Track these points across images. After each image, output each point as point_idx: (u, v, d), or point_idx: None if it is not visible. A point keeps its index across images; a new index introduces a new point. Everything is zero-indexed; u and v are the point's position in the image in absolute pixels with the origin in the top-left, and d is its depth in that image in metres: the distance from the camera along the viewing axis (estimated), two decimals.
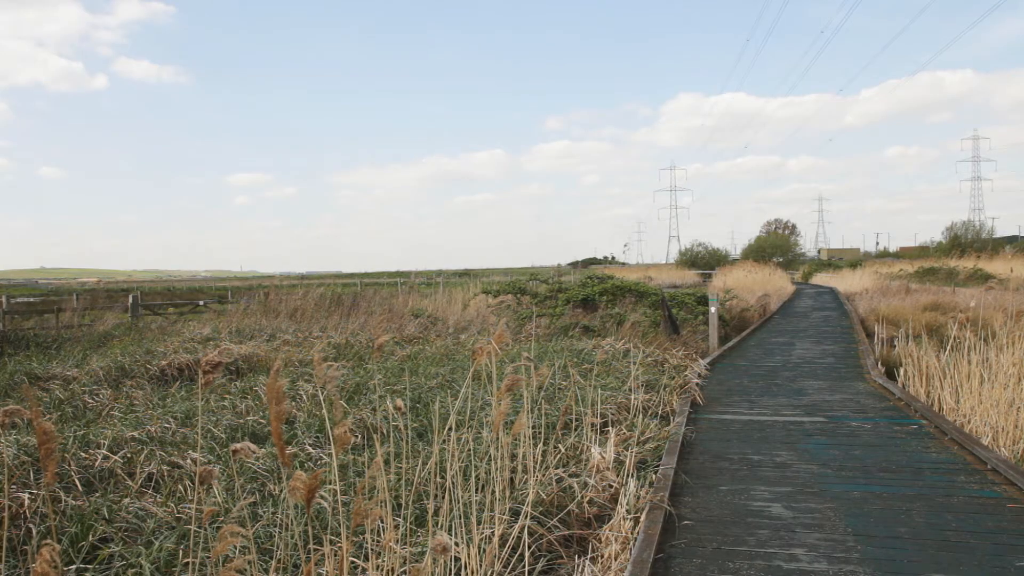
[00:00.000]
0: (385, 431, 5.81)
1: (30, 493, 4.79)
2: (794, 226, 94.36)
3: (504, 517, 4.13)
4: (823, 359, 12.95)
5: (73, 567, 3.91)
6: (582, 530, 4.65)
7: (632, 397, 7.63)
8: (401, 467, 4.69)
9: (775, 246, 78.97)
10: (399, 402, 4.04)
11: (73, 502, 4.85)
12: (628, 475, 5.33)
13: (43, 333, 17.97)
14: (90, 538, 4.29)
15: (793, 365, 12.21)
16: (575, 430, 6.36)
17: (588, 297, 17.89)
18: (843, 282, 39.74)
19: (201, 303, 26.26)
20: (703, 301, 17.90)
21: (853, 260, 68.00)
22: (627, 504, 4.74)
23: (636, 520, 4.65)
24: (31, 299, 34.58)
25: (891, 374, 10.86)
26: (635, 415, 7.26)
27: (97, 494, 5.10)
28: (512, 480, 4.97)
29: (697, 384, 9.40)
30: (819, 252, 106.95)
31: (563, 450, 5.74)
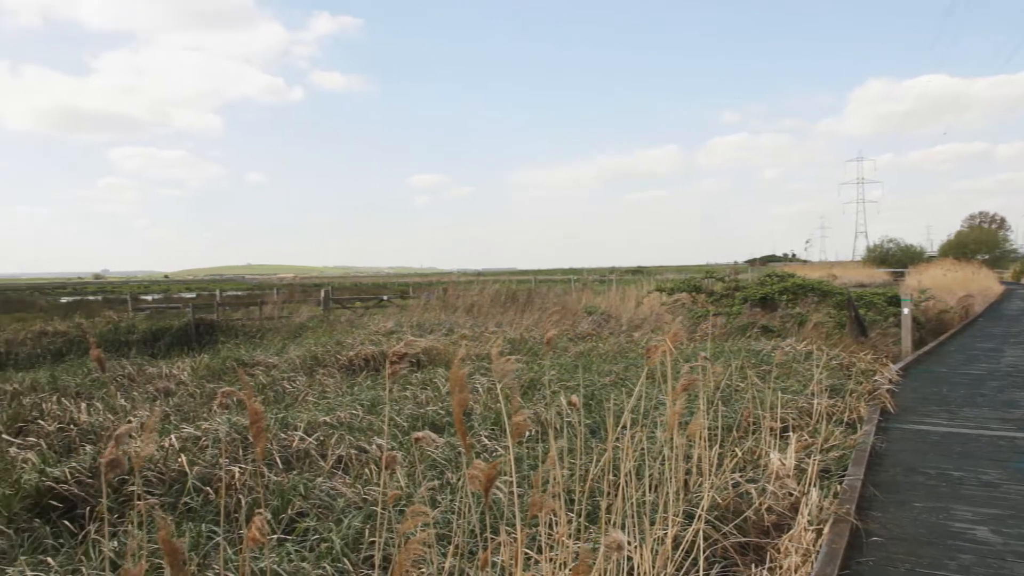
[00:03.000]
0: (558, 426, 5.88)
1: (240, 467, 5.29)
2: (1003, 220, 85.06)
3: (678, 519, 4.05)
4: None
5: (275, 536, 4.27)
6: (759, 538, 4.48)
7: (814, 402, 7.24)
8: (574, 463, 4.72)
9: (980, 242, 71.66)
10: (574, 398, 4.07)
11: (275, 478, 5.31)
12: (810, 484, 5.07)
13: (249, 324, 19.74)
14: (289, 511, 4.67)
15: (1003, 374, 11.07)
16: (752, 434, 6.13)
17: (767, 296, 17.15)
18: None
19: (385, 298, 27.78)
20: (894, 301, 16.62)
21: None
22: (809, 514, 4.51)
23: (818, 532, 4.41)
24: (239, 293, 38.11)
25: None
26: (818, 421, 6.88)
27: (295, 472, 5.54)
28: (686, 482, 4.87)
29: (888, 391, 8.76)
30: None
31: (740, 454, 5.55)
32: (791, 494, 4.92)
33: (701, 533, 3.84)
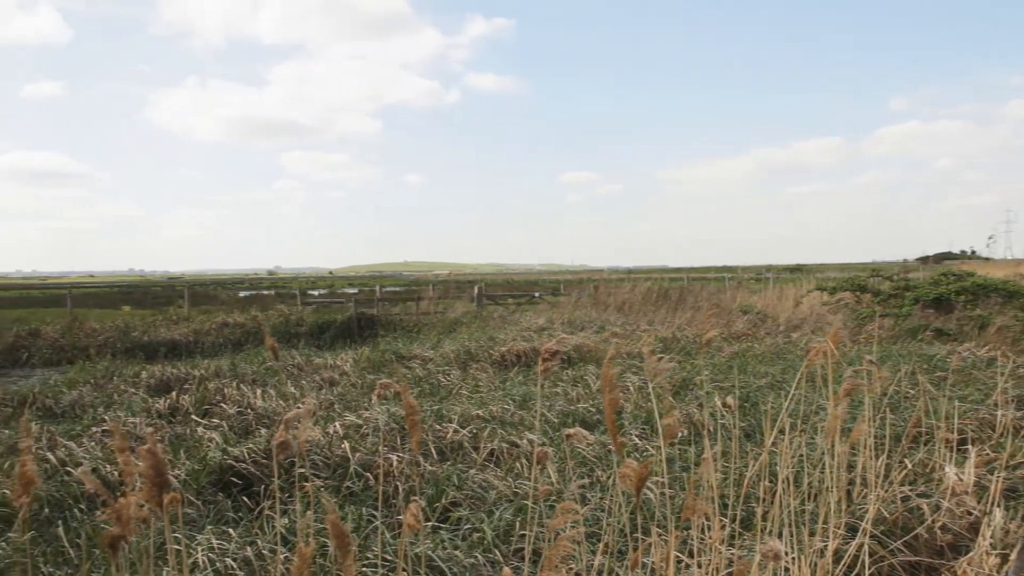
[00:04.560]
0: (712, 428, 5.73)
1: (397, 456, 5.53)
2: None
3: (839, 532, 3.84)
4: None
5: (430, 524, 4.43)
6: (932, 558, 4.16)
7: (998, 413, 6.63)
8: (728, 466, 4.59)
9: None
10: (730, 399, 3.95)
11: (430, 468, 5.51)
12: (993, 503, 4.65)
13: (406, 318, 20.57)
14: (443, 501, 4.83)
15: None
16: (924, 444, 5.71)
17: (941, 296, 15.89)
18: None
19: (536, 295, 28.12)
20: None
21: None
22: (992, 537, 4.14)
23: (1003, 557, 4.04)
24: (397, 289, 39.81)
25: None
26: (1002, 434, 6.30)
27: (448, 463, 5.72)
28: (849, 493, 4.61)
29: None
30: None
31: (909, 466, 5.18)
32: (970, 513, 4.54)
33: (866, 548, 3.62)
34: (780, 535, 3.65)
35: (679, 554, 3.64)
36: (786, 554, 3.39)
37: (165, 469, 2.13)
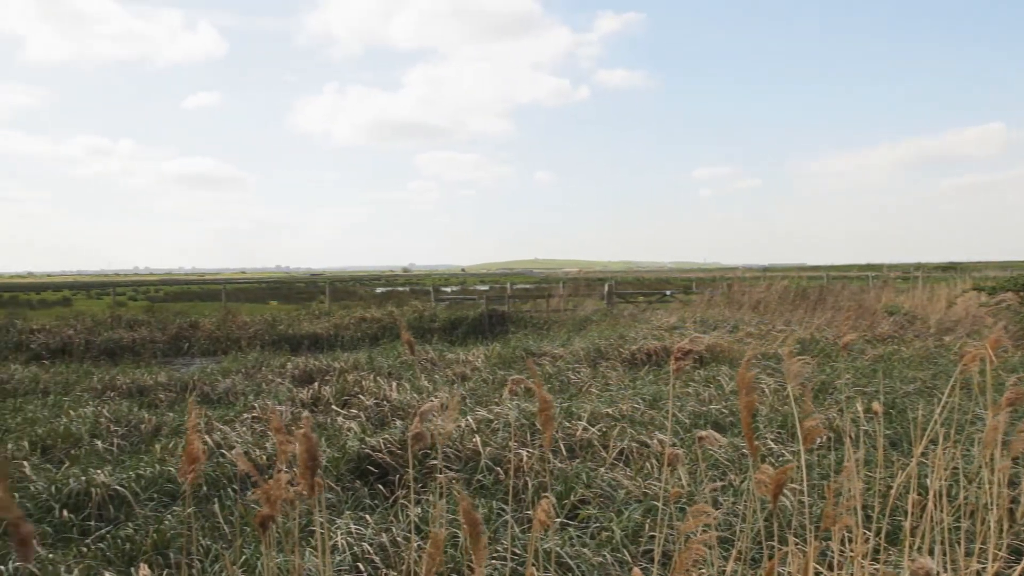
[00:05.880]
0: (854, 435, 5.44)
1: (527, 452, 5.59)
2: None
3: (1000, 553, 3.56)
4: None
5: (558, 520, 4.46)
6: None
7: None
8: (871, 476, 4.35)
9: None
10: (876, 405, 3.74)
11: (559, 465, 5.53)
12: None
13: (537, 315, 20.76)
14: (571, 498, 4.84)
15: None
16: None
17: None
18: None
19: (668, 293, 27.67)
20: None
21: None
22: None
23: None
24: (527, 286, 40.24)
25: None
26: None
27: (577, 460, 5.73)
28: (1011, 511, 4.26)
29: None
30: None
31: None
32: None
33: None
34: (931, 553, 3.42)
35: (818, 566, 3.48)
36: (938, 574, 3.18)
37: (318, 453, 2.25)
